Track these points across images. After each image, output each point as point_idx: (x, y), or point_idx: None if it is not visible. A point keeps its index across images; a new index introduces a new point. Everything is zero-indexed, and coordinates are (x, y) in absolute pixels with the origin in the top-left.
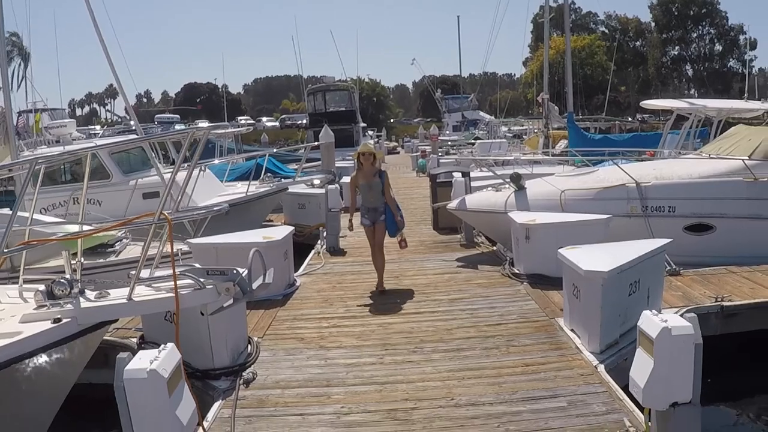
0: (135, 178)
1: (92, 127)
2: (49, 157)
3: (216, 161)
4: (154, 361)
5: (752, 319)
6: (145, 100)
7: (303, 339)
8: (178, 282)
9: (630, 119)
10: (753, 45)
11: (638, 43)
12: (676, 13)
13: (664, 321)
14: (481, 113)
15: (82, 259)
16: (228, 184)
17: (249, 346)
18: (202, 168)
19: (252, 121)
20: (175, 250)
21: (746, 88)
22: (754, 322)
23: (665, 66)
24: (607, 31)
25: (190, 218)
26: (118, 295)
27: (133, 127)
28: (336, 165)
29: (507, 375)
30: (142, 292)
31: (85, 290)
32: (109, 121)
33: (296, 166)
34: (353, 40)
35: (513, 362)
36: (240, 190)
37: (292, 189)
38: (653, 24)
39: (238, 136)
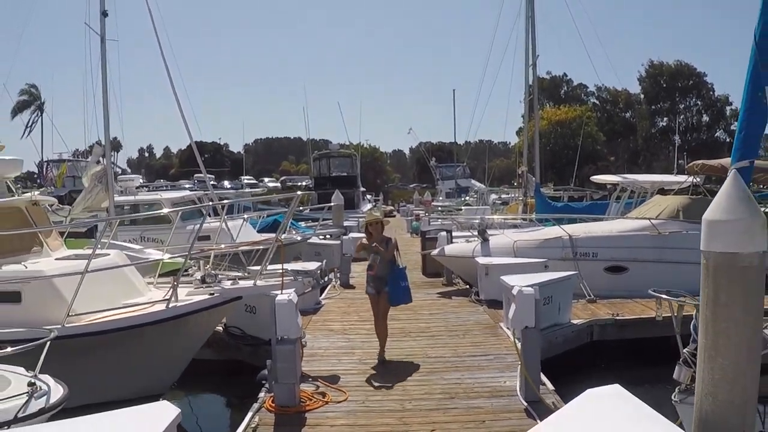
0: (192, 224)
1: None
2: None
3: (247, 215)
4: (289, 296)
5: (638, 329)
6: (146, 154)
7: (332, 330)
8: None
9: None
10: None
11: (628, 114)
12: (664, 86)
13: (521, 288)
14: (473, 181)
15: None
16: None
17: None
18: (245, 219)
19: (255, 181)
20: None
21: (675, 165)
22: (639, 332)
23: (654, 137)
24: (597, 102)
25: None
26: (244, 283)
27: (143, 181)
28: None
29: (461, 346)
30: (258, 283)
31: (222, 280)
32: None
33: (310, 224)
34: (356, 107)
35: (466, 341)
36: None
37: (311, 240)
38: (642, 96)
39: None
